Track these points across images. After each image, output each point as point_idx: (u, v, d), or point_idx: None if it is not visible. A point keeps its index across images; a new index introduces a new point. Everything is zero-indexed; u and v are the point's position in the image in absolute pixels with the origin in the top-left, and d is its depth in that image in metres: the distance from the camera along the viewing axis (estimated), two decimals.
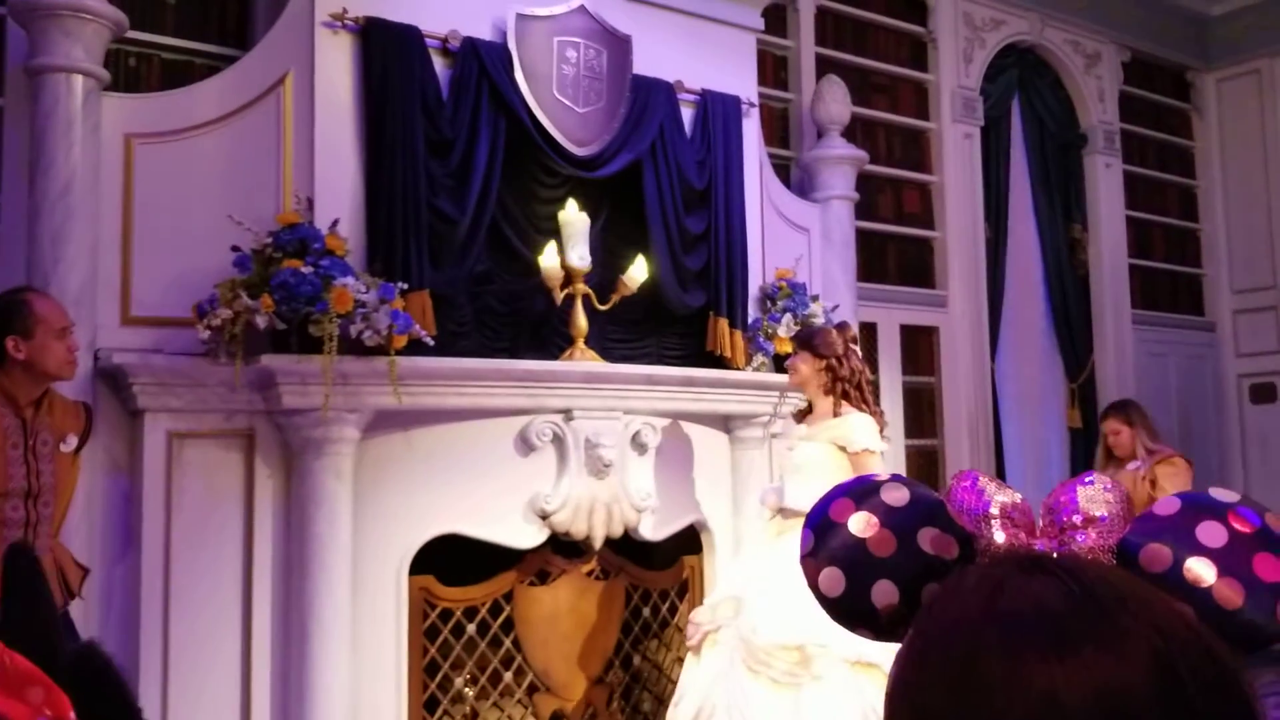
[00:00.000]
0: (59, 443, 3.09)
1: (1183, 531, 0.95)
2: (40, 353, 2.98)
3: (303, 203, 3.77)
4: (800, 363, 4.05)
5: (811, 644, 3.51)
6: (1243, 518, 0.94)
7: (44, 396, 3.07)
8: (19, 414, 2.99)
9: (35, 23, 3.53)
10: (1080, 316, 7.05)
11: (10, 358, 2.98)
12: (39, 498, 2.99)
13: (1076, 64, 7.09)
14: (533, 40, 4.25)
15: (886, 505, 1.02)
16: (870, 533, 1.00)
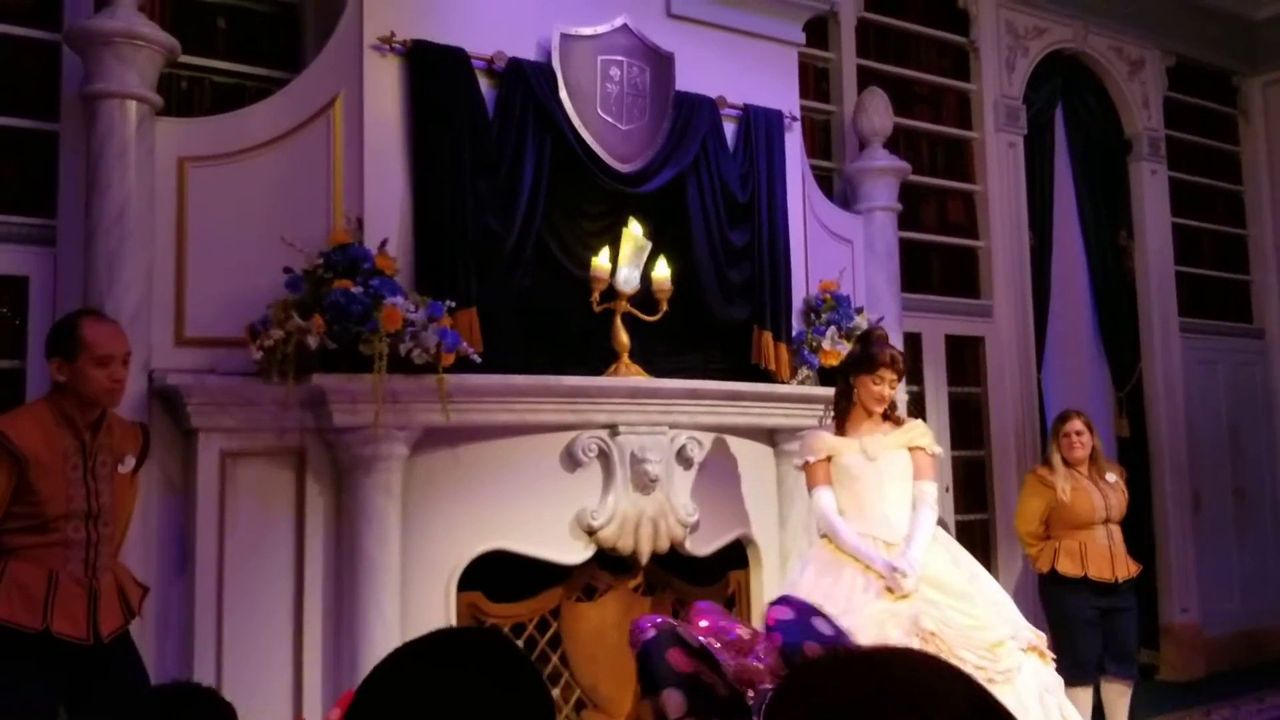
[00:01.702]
0: (117, 463, 3.13)
1: (806, 627, 1.52)
2: (80, 378, 3.02)
3: (352, 223, 3.82)
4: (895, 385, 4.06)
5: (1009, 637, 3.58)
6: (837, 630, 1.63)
7: (102, 418, 3.11)
8: (78, 436, 3.04)
9: (90, 49, 3.60)
10: (1127, 325, 6.99)
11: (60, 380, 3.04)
12: (99, 518, 3.04)
13: (1120, 70, 7.04)
14: (577, 59, 4.28)
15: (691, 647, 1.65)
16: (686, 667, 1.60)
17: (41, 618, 2.89)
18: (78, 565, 2.99)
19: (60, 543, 2.97)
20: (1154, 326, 7.01)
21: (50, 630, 2.90)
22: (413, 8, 4.03)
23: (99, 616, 3.00)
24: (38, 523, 2.95)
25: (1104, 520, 4.82)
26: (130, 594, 3.15)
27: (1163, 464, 6.91)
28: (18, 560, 2.92)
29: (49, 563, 2.94)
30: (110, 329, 3.13)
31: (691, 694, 1.38)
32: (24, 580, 2.91)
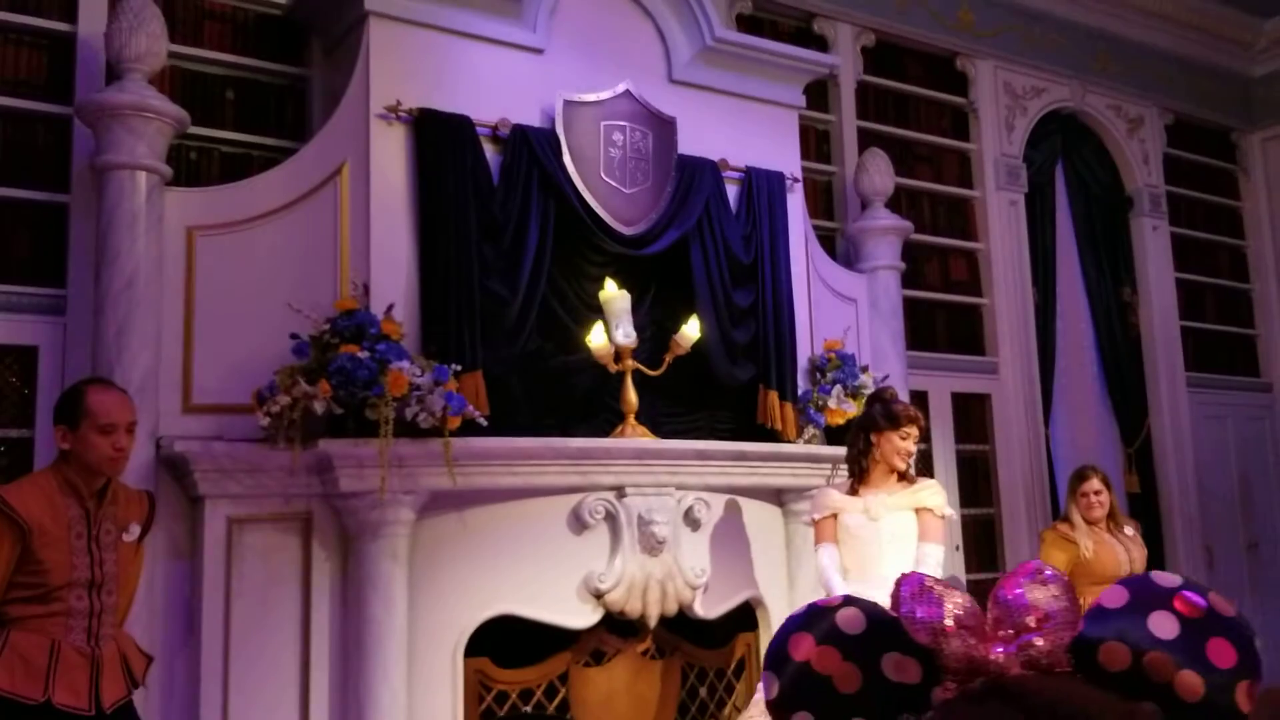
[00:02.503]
0: (122, 532, 3.12)
1: (1135, 624, 0.95)
2: (83, 445, 3.01)
3: (359, 289, 3.85)
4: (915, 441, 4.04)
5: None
6: (1189, 602, 0.96)
7: (107, 486, 3.11)
8: (82, 504, 3.03)
9: (101, 122, 3.66)
10: (1134, 380, 6.98)
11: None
12: (102, 587, 3.02)
13: (1119, 128, 7.10)
14: (580, 125, 4.34)
15: (843, 634, 1.00)
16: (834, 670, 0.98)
17: (43, 688, 2.87)
18: (80, 635, 2.97)
19: (63, 612, 2.95)
20: (1161, 381, 7.01)
21: (52, 701, 2.88)
22: (418, 77, 4.09)
23: (101, 686, 2.97)
24: (41, 592, 2.93)
25: (1128, 574, 4.79)
26: (134, 663, 3.13)
27: (1174, 519, 6.87)
28: (19, 630, 2.90)
29: (51, 632, 2.93)
30: (115, 397, 3.11)
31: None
32: (26, 650, 2.89)
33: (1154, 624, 0.96)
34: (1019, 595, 1.02)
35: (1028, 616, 0.99)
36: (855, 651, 0.99)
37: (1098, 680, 0.92)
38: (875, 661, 0.98)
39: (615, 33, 4.62)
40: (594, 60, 4.50)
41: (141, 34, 3.67)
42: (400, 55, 4.08)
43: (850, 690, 0.97)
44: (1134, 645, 0.95)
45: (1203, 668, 0.93)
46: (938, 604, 1.01)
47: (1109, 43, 7.02)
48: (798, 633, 1.01)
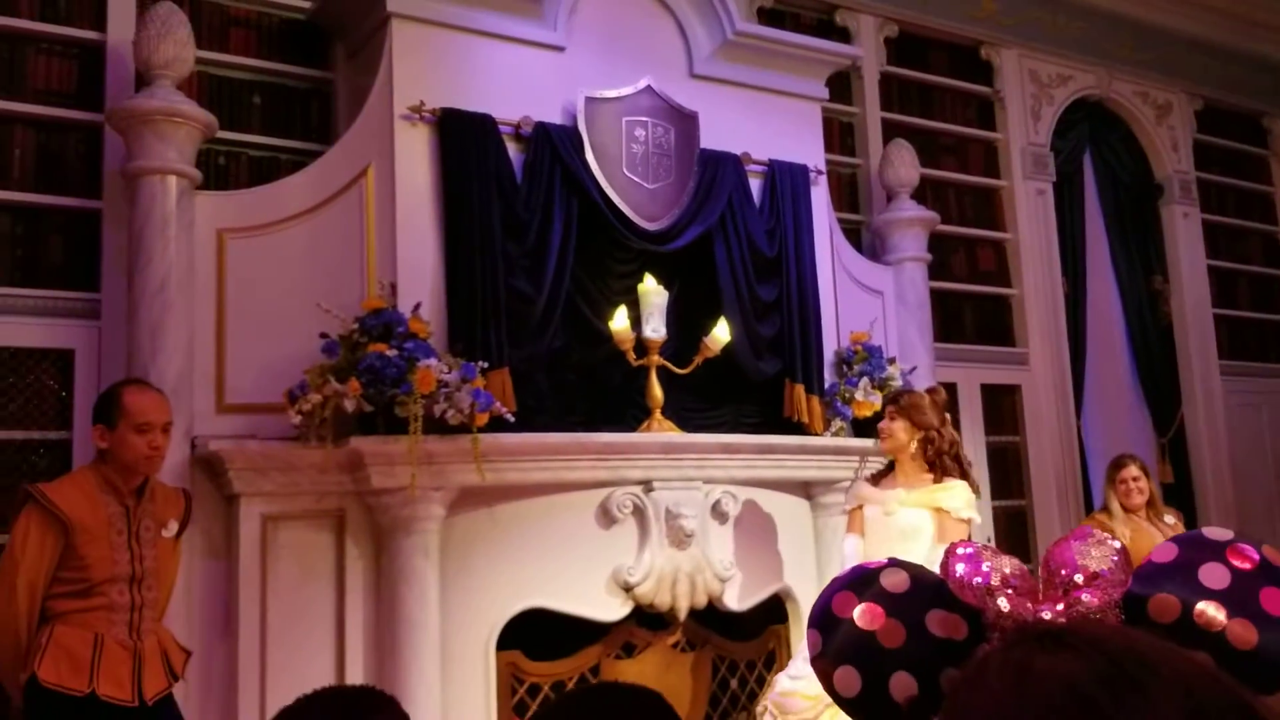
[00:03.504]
0: (160, 529, 3.20)
1: (1186, 576, 0.94)
2: (119, 444, 3.08)
3: (386, 288, 3.90)
4: (897, 429, 4.01)
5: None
6: (1242, 554, 0.94)
7: (145, 484, 3.18)
8: (121, 502, 3.10)
9: (131, 128, 3.73)
10: (1166, 369, 6.93)
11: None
12: (142, 582, 3.09)
13: (1147, 115, 7.05)
14: (602, 121, 4.37)
15: (889, 593, 1.00)
16: (878, 624, 0.98)
17: (88, 680, 2.94)
18: (122, 629, 3.04)
19: (105, 606, 3.02)
20: (1194, 370, 6.95)
21: (96, 693, 2.94)
22: (441, 77, 4.14)
23: (143, 679, 3.04)
24: (83, 587, 3.00)
25: None
26: (173, 657, 3.19)
27: (1209, 509, 6.81)
28: (63, 624, 2.97)
29: (94, 626, 3.00)
30: (151, 398, 3.18)
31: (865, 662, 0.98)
32: (70, 644, 2.96)
33: (1205, 575, 0.95)
34: (1070, 556, 1.02)
35: (1077, 575, 0.98)
36: (899, 609, 0.99)
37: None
38: (920, 618, 0.98)
39: (635, 29, 4.64)
40: (615, 57, 4.53)
41: (169, 41, 3.73)
42: (422, 56, 4.12)
43: (894, 645, 0.97)
44: (1184, 597, 0.93)
45: (1256, 617, 0.92)
46: (986, 565, 1.01)
47: (1135, 29, 6.97)
48: (843, 591, 1.02)
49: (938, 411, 4.01)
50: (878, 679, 0.96)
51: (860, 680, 0.97)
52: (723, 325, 4.47)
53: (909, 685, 0.96)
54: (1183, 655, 0.70)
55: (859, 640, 0.98)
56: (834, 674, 0.98)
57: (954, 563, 1.06)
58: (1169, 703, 0.65)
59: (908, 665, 0.96)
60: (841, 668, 0.97)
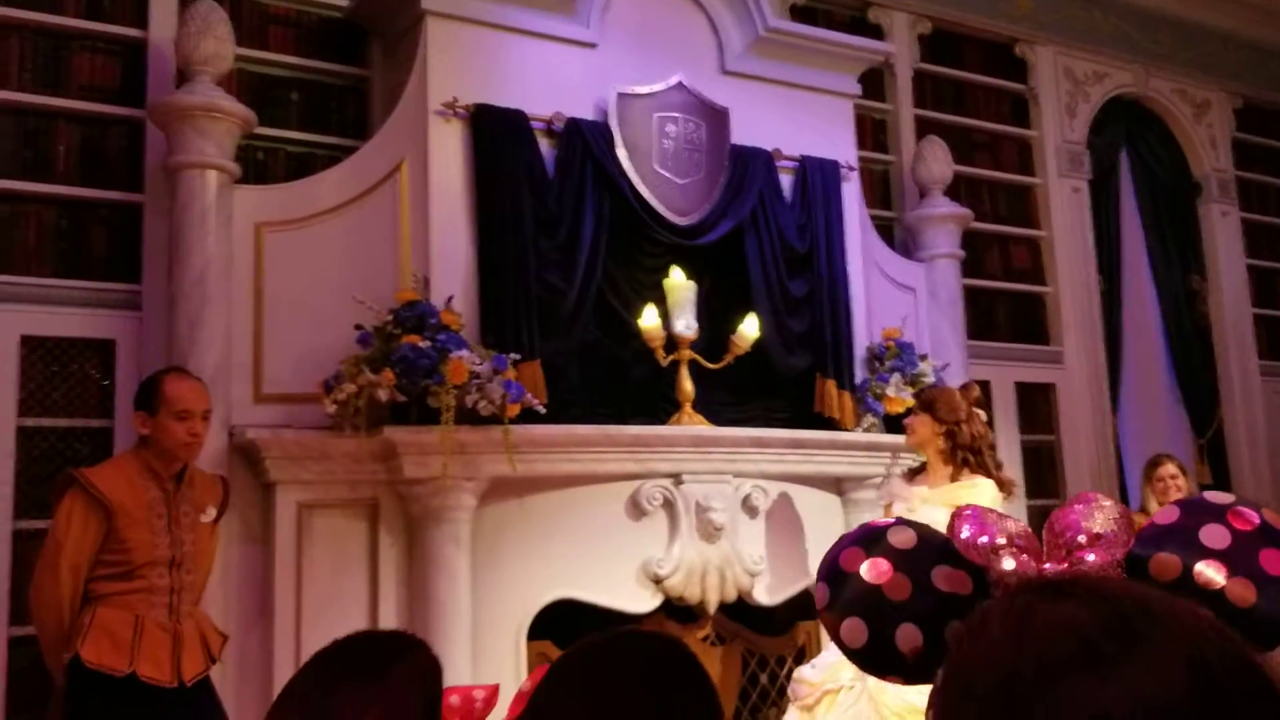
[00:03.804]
0: (199, 514, 3.26)
1: (1187, 537, 0.95)
2: (160, 431, 3.16)
3: (420, 281, 3.95)
4: (919, 424, 4.02)
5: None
6: (1243, 516, 0.96)
7: (185, 470, 3.25)
8: (162, 487, 3.17)
9: (172, 123, 3.81)
10: (1204, 369, 6.86)
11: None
12: (182, 566, 3.16)
13: (1185, 113, 7.00)
14: (633, 117, 4.41)
15: (895, 549, 1.02)
16: (884, 578, 0.99)
17: (129, 661, 3.01)
18: (162, 611, 3.11)
19: (145, 589, 3.09)
20: (1233, 370, 6.89)
21: (136, 674, 3.01)
22: (474, 74, 4.19)
23: (182, 661, 3.10)
24: (124, 570, 3.07)
25: None
26: (211, 640, 3.26)
27: None
28: (105, 606, 3.05)
29: (134, 608, 3.06)
30: (191, 385, 3.25)
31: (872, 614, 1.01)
32: (111, 625, 3.03)
33: (1205, 535, 0.96)
34: (1074, 519, 1.02)
35: (1080, 536, 0.99)
36: (906, 564, 1.01)
37: None
38: (926, 573, 1.00)
39: (667, 25, 4.68)
40: (647, 53, 4.56)
41: (209, 38, 3.81)
42: (457, 53, 4.18)
43: (900, 599, 0.99)
44: (1185, 556, 0.94)
45: (1255, 576, 0.93)
46: (991, 526, 1.03)
47: (1173, 26, 6.92)
48: (851, 547, 1.04)
49: (965, 406, 4.00)
50: (884, 630, 0.98)
51: (867, 631, 0.99)
52: (751, 321, 4.48)
53: (914, 637, 0.97)
54: (1185, 605, 0.71)
55: (866, 593, 1.00)
56: (841, 625, 1.00)
57: (960, 524, 1.08)
58: (1171, 650, 0.65)
59: (913, 618, 0.98)
60: (849, 619, 0.99)
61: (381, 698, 1.08)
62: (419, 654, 1.11)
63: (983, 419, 4.10)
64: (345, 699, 1.03)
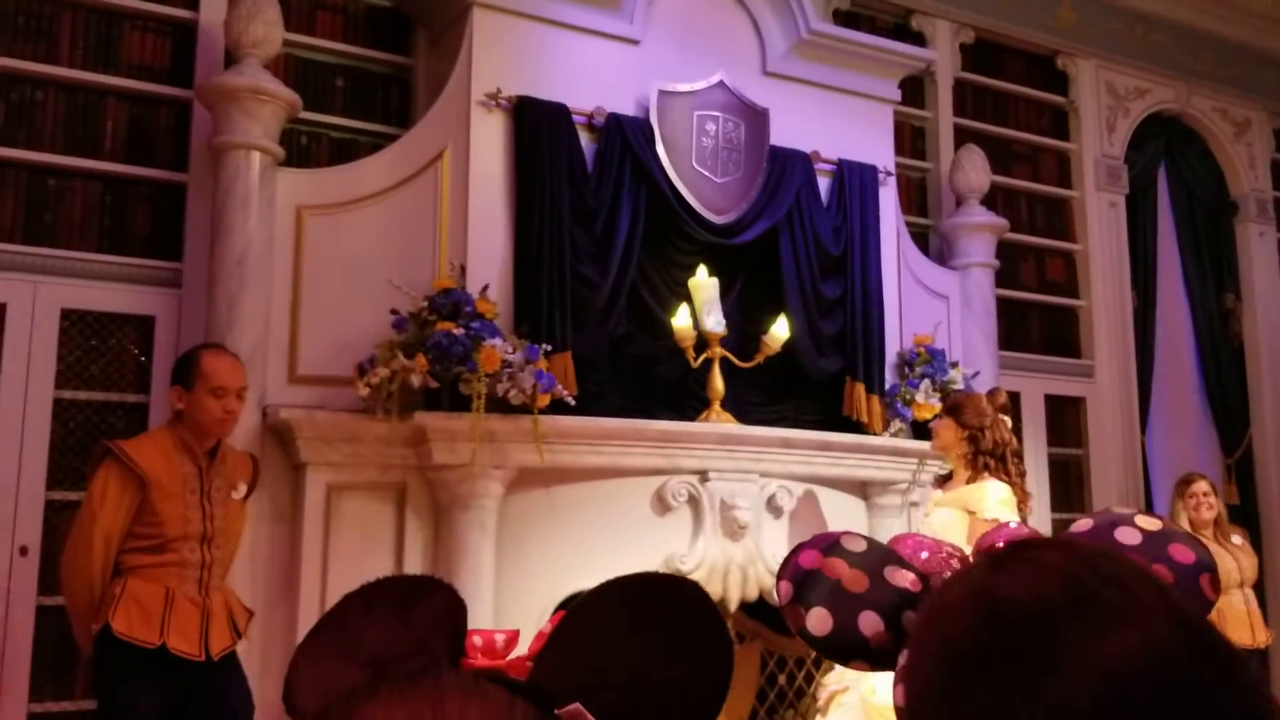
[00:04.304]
0: (230, 490, 3.30)
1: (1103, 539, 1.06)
2: (195, 406, 3.20)
3: (456, 269, 3.99)
4: (943, 429, 4.04)
5: None
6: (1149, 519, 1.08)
7: (218, 447, 3.29)
8: (195, 462, 3.21)
9: (219, 104, 3.86)
10: (1236, 389, 6.82)
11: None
12: (212, 541, 3.20)
13: (1225, 132, 6.95)
14: (674, 114, 4.43)
15: (848, 550, 1.11)
16: (843, 574, 1.07)
17: (159, 633, 3.04)
18: (192, 585, 3.14)
19: (177, 563, 3.12)
20: (1264, 390, 6.83)
21: (166, 646, 3.05)
22: (518, 66, 4.22)
23: (210, 635, 3.14)
24: (157, 543, 3.11)
25: (1239, 584, 4.70)
26: (238, 616, 3.29)
27: (1275, 531, 6.69)
28: (136, 578, 3.09)
29: (165, 581, 3.10)
30: (227, 362, 3.29)
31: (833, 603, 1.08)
32: (143, 598, 3.07)
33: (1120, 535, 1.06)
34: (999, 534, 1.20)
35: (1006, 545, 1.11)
36: (859, 562, 1.09)
37: None
38: (879, 570, 1.08)
39: (711, 25, 4.70)
40: (689, 51, 4.59)
41: (259, 21, 3.86)
42: (501, 45, 4.21)
43: (858, 590, 1.07)
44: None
45: (1168, 563, 1.03)
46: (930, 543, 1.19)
47: (1216, 45, 6.88)
48: (808, 549, 1.13)
49: (993, 413, 4.00)
50: (847, 618, 1.05)
51: (831, 620, 1.06)
52: (782, 322, 4.49)
53: (876, 623, 1.04)
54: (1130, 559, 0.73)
55: (827, 586, 1.07)
56: (806, 616, 1.07)
57: (905, 540, 1.17)
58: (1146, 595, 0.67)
59: (873, 606, 1.05)
60: (814, 609, 1.07)
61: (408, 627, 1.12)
62: (444, 591, 1.15)
63: (1008, 425, 4.10)
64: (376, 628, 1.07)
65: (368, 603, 1.11)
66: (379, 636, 1.06)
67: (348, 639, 1.05)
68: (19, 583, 3.70)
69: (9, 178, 3.90)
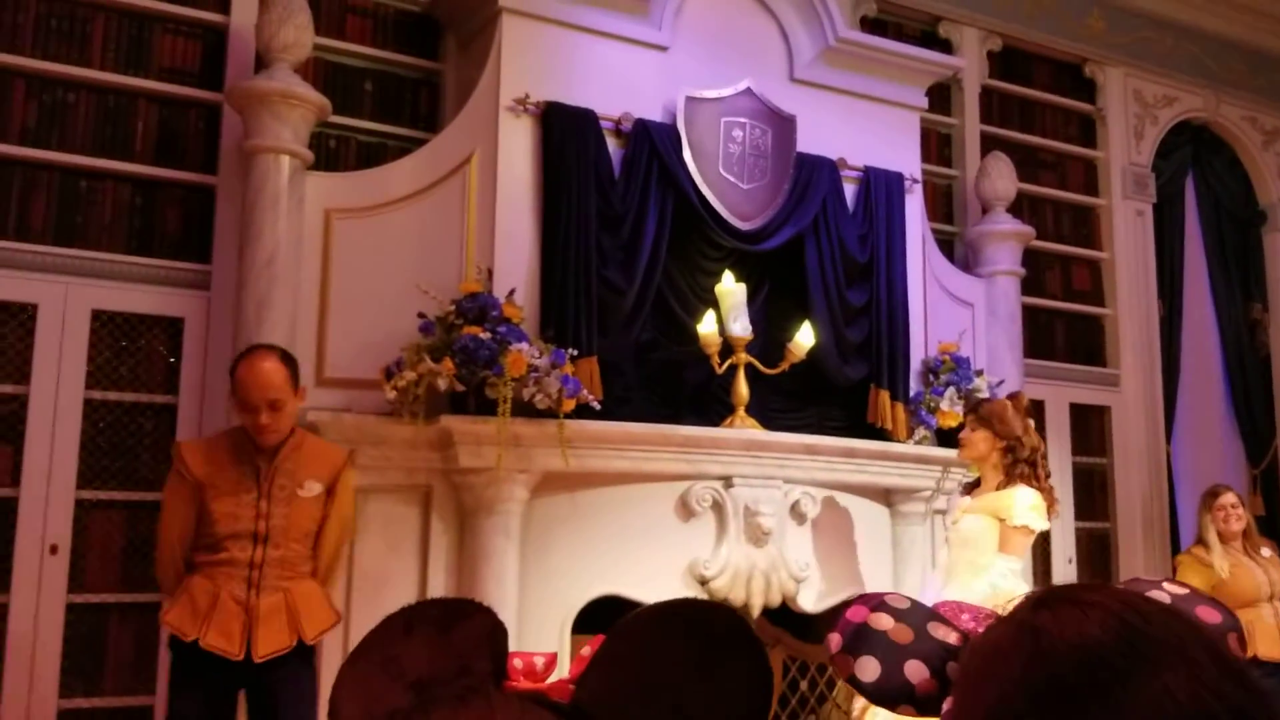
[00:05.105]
0: (297, 488, 3.22)
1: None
2: (239, 413, 3.21)
3: (483, 273, 4.00)
4: (979, 440, 3.96)
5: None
6: (1175, 584, 1.15)
7: (286, 443, 3.23)
8: (253, 461, 3.18)
9: (249, 107, 3.88)
10: (1262, 399, 6.77)
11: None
12: (267, 540, 3.15)
13: (1254, 140, 6.91)
14: (701, 121, 4.43)
15: (892, 606, 1.16)
16: (888, 625, 1.12)
17: (198, 629, 3.06)
18: (240, 584, 3.11)
19: (227, 561, 3.11)
20: None
21: (199, 642, 3.05)
22: (547, 71, 4.23)
23: (256, 636, 3.08)
24: (210, 541, 3.13)
25: (1269, 597, 4.66)
26: (306, 619, 3.18)
27: None
28: (196, 575, 3.13)
29: (217, 579, 3.11)
30: (254, 377, 3.15)
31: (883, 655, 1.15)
32: (196, 593, 3.10)
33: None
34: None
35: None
36: (904, 618, 1.14)
37: None
38: (923, 625, 1.13)
39: (738, 31, 4.70)
40: (717, 58, 4.59)
41: (290, 25, 3.88)
42: (530, 50, 4.23)
43: (904, 641, 1.12)
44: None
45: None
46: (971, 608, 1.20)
47: (1246, 53, 6.84)
48: (855, 606, 1.18)
49: (1020, 419, 3.97)
50: (894, 664, 1.10)
51: (879, 666, 1.11)
52: (806, 330, 4.49)
53: (921, 670, 1.09)
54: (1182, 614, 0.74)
55: (874, 636, 1.13)
56: (854, 663, 1.12)
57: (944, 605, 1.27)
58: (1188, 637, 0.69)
59: (918, 656, 1.10)
60: (861, 657, 1.11)
61: (450, 649, 1.14)
62: (485, 614, 1.17)
63: (1031, 428, 4.07)
64: (417, 649, 1.08)
65: (408, 624, 1.13)
66: (421, 657, 1.07)
67: (390, 659, 1.06)
68: (49, 581, 3.74)
69: (41, 179, 3.94)
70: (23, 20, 3.97)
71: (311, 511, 3.24)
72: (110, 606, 3.86)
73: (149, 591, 3.86)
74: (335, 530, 3.31)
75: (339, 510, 3.32)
